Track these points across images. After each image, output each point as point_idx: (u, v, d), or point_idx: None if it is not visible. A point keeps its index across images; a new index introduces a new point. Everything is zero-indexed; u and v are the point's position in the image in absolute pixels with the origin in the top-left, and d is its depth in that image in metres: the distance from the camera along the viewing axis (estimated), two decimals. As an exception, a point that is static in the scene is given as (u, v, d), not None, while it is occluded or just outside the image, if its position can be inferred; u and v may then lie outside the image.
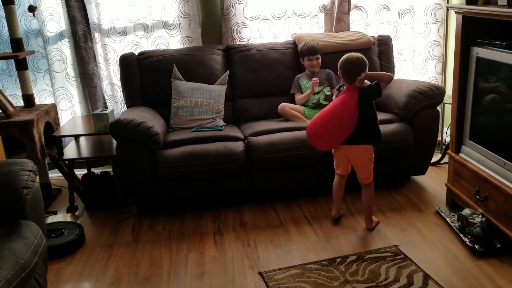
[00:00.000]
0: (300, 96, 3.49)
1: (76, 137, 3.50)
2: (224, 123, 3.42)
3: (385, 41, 3.75)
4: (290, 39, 3.77)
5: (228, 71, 3.55)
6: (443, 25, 3.88)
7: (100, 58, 3.68)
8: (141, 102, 3.51)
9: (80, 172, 3.66)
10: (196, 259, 2.59)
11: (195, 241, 2.78)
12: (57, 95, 3.74)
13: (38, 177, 2.56)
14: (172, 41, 3.74)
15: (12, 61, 3.51)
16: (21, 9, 3.52)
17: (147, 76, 3.50)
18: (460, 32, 2.73)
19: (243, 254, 2.61)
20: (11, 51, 3.30)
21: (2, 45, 3.59)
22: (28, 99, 3.37)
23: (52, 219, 3.17)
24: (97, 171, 3.51)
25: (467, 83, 2.75)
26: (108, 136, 3.24)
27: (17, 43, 3.25)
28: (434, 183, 3.40)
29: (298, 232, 2.81)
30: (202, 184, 3.06)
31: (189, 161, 2.97)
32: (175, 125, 3.37)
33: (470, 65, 2.71)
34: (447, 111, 3.77)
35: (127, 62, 3.51)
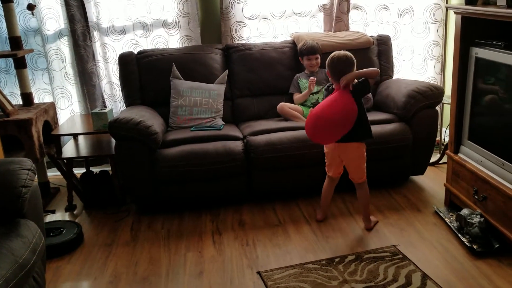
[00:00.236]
0: (298, 95, 3.49)
1: (75, 136, 3.49)
2: (223, 123, 3.42)
3: (384, 41, 3.75)
4: (289, 38, 3.77)
5: (227, 70, 3.55)
6: (442, 25, 3.89)
7: (99, 57, 3.68)
8: (140, 101, 3.51)
9: (78, 171, 3.66)
10: (194, 258, 2.59)
11: (194, 240, 2.78)
12: (56, 93, 3.73)
13: (36, 176, 2.55)
14: (171, 40, 3.73)
15: (11, 60, 3.50)
16: (20, 7, 3.52)
17: (146, 75, 3.50)
18: (459, 32, 2.73)
19: (241, 254, 2.61)
20: (9, 49, 3.29)
21: (0, 43, 3.58)
22: (27, 97, 3.36)
23: (50, 218, 3.16)
24: (95, 170, 3.51)
25: (466, 83, 2.75)
26: (107, 135, 3.24)
27: (16, 41, 3.25)
28: (432, 183, 3.40)
29: (297, 232, 2.81)
30: (201, 183, 3.05)
31: (188, 160, 2.97)
32: (174, 124, 3.37)
33: (469, 65, 2.72)
34: (446, 111, 3.78)
35: (126, 61, 3.50)
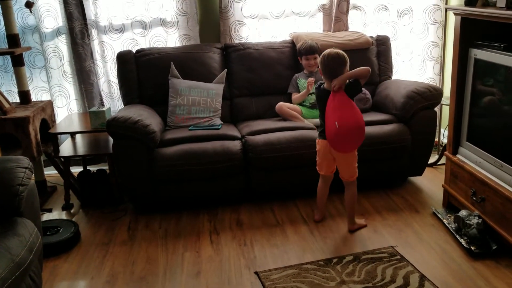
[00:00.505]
0: (296, 95, 3.48)
1: (72, 134, 3.48)
2: (221, 122, 3.42)
3: (384, 42, 3.75)
4: (288, 38, 3.76)
5: (226, 69, 3.54)
6: (441, 26, 3.89)
7: (97, 55, 3.66)
8: (138, 100, 3.49)
9: (76, 170, 3.64)
10: (192, 258, 2.58)
11: (192, 240, 2.77)
12: (54, 92, 3.72)
13: (33, 174, 2.54)
14: (170, 39, 3.72)
15: (8, 57, 3.48)
16: (18, 4, 3.50)
17: (144, 73, 3.49)
18: (458, 34, 2.73)
19: (239, 254, 2.61)
20: (7, 47, 3.27)
21: (-2, 41, 3.58)
22: (24, 95, 3.34)
23: (47, 216, 3.15)
24: (93, 168, 3.50)
25: (465, 84, 2.75)
26: (105, 133, 3.23)
27: (13, 39, 3.23)
28: (431, 184, 3.40)
29: (294, 232, 2.81)
30: (199, 182, 3.05)
31: (186, 160, 2.96)
32: (172, 123, 3.36)
33: (468, 66, 2.72)
34: (445, 112, 3.78)
35: (124, 59, 3.49)
